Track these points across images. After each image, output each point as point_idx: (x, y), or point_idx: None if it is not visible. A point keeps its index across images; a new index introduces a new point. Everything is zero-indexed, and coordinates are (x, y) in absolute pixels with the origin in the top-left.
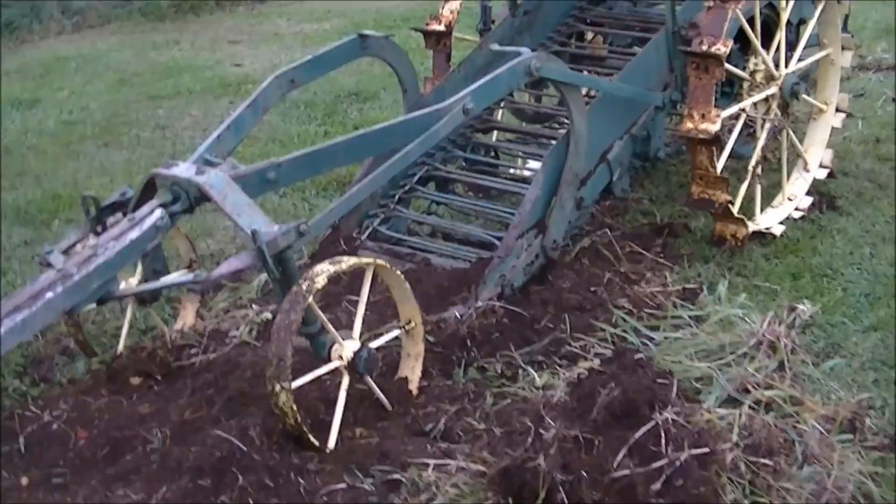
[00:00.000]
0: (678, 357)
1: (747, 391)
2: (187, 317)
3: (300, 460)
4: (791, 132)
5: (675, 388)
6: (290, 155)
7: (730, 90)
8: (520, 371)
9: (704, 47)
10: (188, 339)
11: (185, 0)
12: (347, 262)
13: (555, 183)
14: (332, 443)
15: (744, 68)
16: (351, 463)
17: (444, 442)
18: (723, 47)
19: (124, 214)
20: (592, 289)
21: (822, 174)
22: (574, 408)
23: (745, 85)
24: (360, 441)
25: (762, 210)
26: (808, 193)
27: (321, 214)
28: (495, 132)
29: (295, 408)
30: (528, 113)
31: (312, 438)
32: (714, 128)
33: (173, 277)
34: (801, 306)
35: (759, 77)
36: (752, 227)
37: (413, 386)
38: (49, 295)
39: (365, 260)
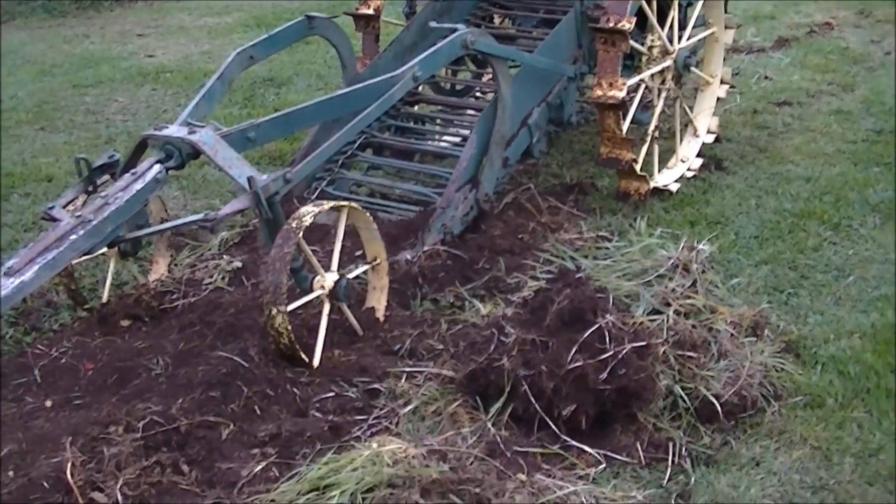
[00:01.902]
0: (609, 278)
1: (668, 304)
2: (160, 270)
3: (293, 374)
4: (683, 101)
5: (611, 300)
6: (267, 117)
7: (630, 63)
8: (466, 303)
9: (611, 24)
10: (167, 287)
11: None
12: (328, 204)
13: (485, 143)
14: (316, 360)
15: (643, 44)
16: (336, 376)
17: (411, 359)
18: (627, 24)
19: (112, 175)
20: (520, 236)
21: (710, 139)
22: (528, 318)
23: (644, 59)
24: (340, 359)
25: (659, 171)
26: (699, 156)
27: (300, 165)
28: (418, 105)
29: (290, 328)
30: (444, 87)
31: (303, 355)
32: (620, 94)
33: (185, 219)
34: (700, 245)
35: (655, 52)
36: (652, 184)
37: (380, 314)
38: (72, 237)
39: (342, 203)
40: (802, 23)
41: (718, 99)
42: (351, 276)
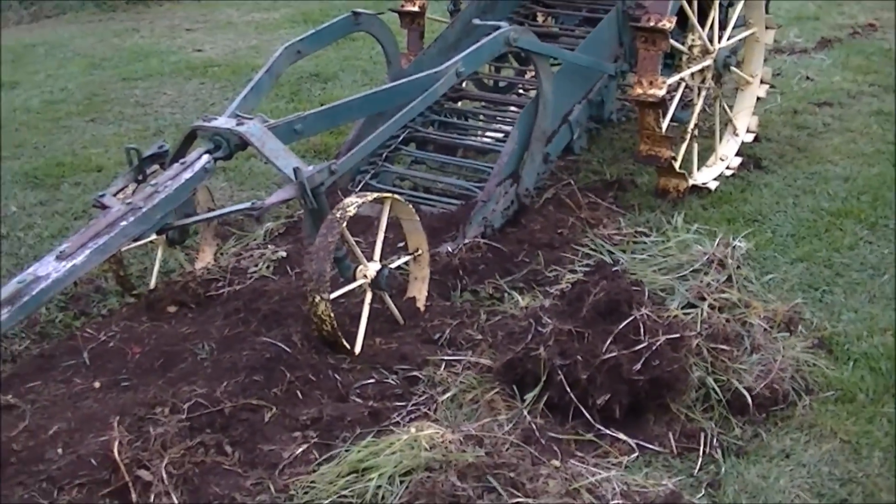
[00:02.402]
0: (645, 272)
1: (702, 298)
2: (206, 258)
3: (335, 360)
4: (722, 100)
5: (646, 293)
6: (313, 110)
7: (671, 62)
8: (505, 295)
9: (652, 23)
10: (213, 275)
11: None
12: (371, 196)
13: (527, 139)
14: (358, 348)
15: (683, 43)
16: (377, 363)
17: (450, 348)
18: (667, 23)
19: (161, 165)
20: (559, 230)
21: (749, 138)
22: (565, 310)
23: (685, 58)
24: (381, 347)
25: (699, 169)
26: (738, 154)
27: (345, 158)
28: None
29: (332, 315)
30: (487, 83)
31: (345, 342)
32: (660, 92)
33: (233, 207)
34: (736, 242)
35: (696, 51)
36: (690, 181)
37: (420, 304)
38: (123, 224)
39: (385, 195)
40: (845, 24)
41: (758, 98)
42: (393, 266)
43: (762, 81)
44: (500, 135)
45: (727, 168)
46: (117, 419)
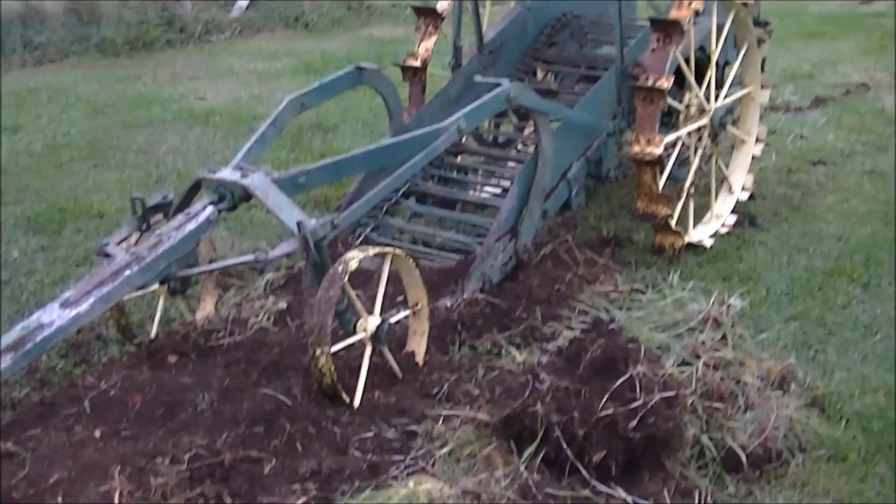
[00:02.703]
0: (641, 330)
1: (698, 356)
2: (207, 308)
3: (335, 413)
4: (718, 158)
5: (642, 351)
6: (317, 163)
7: (668, 120)
8: (503, 350)
9: (650, 82)
10: (214, 325)
11: (139, 38)
12: (372, 250)
13: (525, 195)
14: (357, 401)
15: (680, 102)
16: (376, 416)
17: (448, 403)
18: (665, 82)
19: (165, 215)
20: (557, 286)
21: (745, 195)
22: (563, 366)
23: (682, 116)
24: (380, 400)
25: (694, 226)
26: (733, 212)
27: (348, 212)
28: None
29: (333, 368)
30: (486, 138)
31: (345, 395)
32: (658, 151)
33: (236, 259)
34: (732, 300)
35: (693, 110)
36: (686, 239)
37: (419, 358)
38: (127, 272)
39: (386, 249)
40: (839, 83)
41: (753, 157)
42: (393, 320)
43: (757, 140)
44: (498, 190)
45: (722, 225)
46: (118, 469)
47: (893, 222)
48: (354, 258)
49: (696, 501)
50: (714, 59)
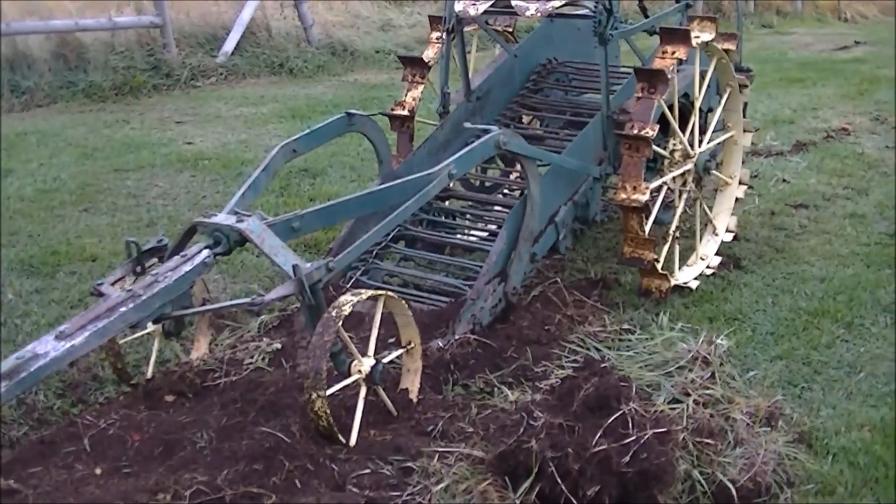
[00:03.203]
0: (631, 368)
1: (687, 394)
2: (201, 349)
3: (332, 451)
4: (702, 202)
5: (634, 389)
6: (310, 208)
7: (653, 165)
8: (495, 389)
9: (636, 131)
10: (210, 366)
11: (126, 83)
12: (366, 293)
13: (514, 239)
14: (353, 440)
15: (665, 148)
16: (372, 454)
17: (443, 440)
18: (650, 131)
19: (160, 259)
20: (546, 327)
21: (729, 237)
22: (556, 404)
23: (667, 162)
24: (376, 438)
25: (680, 268)
26: (717, 254)
27: (342, 255)
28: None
29: (328, 412)
30: (474, 183)
31: (340, 436)
32: (643, 198)
33: (233, 301)
34: (718, 340)
35: (677, 155)
36: (672, 281)
37: (413, 395)
38: (122, 309)
39: (379, 292)
40: (820, 128)
41: (737, 199)
42: (386, 360)
43: (740, 182)
44: (486, 234)
45: (707, 267)
46: None
47: (875, 264)
48: (349, 302)
49: None
50: (697, 105)
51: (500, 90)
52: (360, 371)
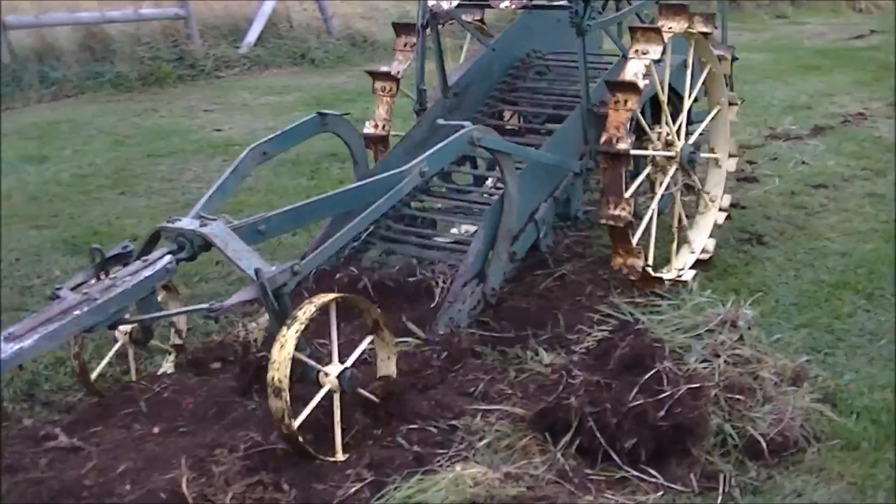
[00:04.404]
0: (664, 331)
1: (717, 355)
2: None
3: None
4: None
5: (667, 349)
6: (277, 210)
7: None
8: (530, 353)
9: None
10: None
11: (151, 73)
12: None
13: (492, 238)
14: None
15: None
16: (419, 413)
17: (484, 401)
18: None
19: (124, 265)
20: (577, 297)
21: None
22: (593, 363)
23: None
24: (420, 398)
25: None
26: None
27: (310, 257)
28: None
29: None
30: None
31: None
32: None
33: (190, 307)
34: (744, 309)
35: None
36: (667, 276)
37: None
38: (76, 312)
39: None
40: (837, 113)
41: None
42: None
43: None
44: (468, 233)
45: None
46: (183, 458)
47: (893, 240)
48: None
49: (721, 484)
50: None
51: (479, 85)
52: (328, 377)
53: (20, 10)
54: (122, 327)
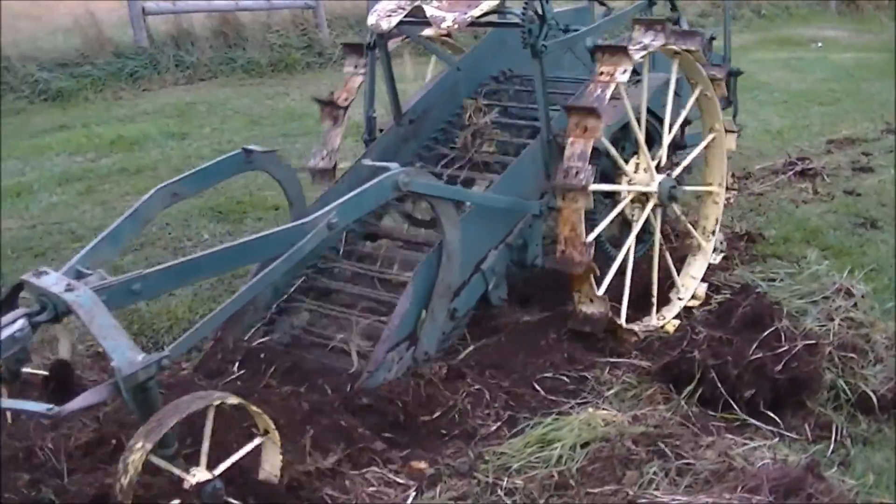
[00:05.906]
0: (782, 296)
1: (832, 318)
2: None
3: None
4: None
5: (784, 310)
6: (155, 267)
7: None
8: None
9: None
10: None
11: (281, 60)
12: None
13: (426, 295)
14: None
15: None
16: (550, 362)
17: (612, 355)
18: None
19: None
20: None
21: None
22: (715, 322)
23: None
24: (553, 347)
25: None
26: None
27: (181, 339)
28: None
29: None
30: (417, 218)
31: None
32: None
33: (27, 404)
34: (857, 286)
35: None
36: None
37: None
38: None
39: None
40: None
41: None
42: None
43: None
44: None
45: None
46: None
47: None
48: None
49: (833, 434)
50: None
51: (441, 110)
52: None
53: None
54: None
